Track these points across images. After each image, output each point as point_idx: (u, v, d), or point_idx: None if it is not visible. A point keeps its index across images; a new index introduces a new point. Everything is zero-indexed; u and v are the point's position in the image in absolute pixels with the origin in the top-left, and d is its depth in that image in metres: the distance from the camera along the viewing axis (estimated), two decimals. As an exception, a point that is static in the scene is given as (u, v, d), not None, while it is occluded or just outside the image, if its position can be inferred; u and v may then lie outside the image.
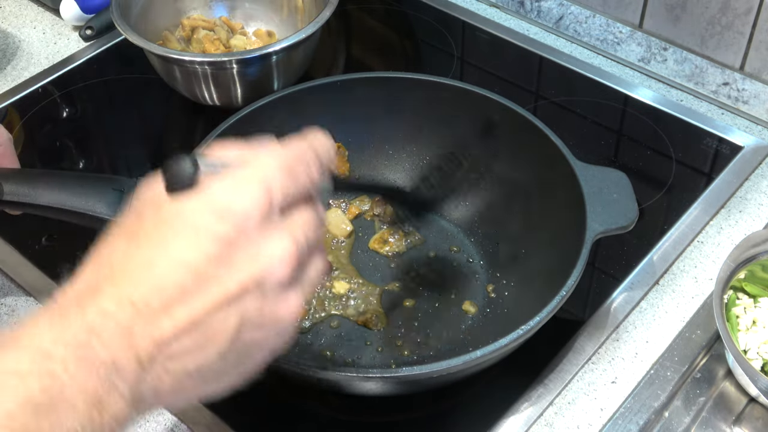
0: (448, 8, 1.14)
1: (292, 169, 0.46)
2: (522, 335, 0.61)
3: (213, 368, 0.44)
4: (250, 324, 0.44)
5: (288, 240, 0.45)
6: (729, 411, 0.70)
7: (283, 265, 0.44)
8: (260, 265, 0.44)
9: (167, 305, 0.42)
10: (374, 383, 0.62)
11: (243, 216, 0.43)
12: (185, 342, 0.42)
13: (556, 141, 0.74)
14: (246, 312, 0.43)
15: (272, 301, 0.44)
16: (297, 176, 0.46)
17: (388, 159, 0.86)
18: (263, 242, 0.44)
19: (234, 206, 0.44)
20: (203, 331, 0.42)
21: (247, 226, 0.43)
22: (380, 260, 0.80)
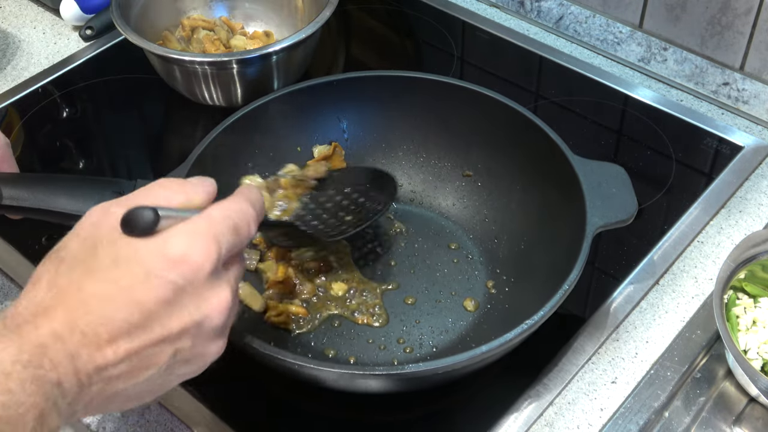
0: (448, 8, 1.14)
1: (238, 227, 0.52)
2: (527, 329, 0.61)
3: (138, 390, 0.49)
4: (181, 359, 0.50)
5: (227, 292, 0.51)
6: (729, 411, 0.70)
7: (221, 313, 0.51)
8: (202, 311, 0.50)
9: (113, 337, 0.46)
10: (379, 380, 0.62)
11: (195, 267, 0.49)
12: (121, 368, 0.47)
13: (554, 137, 0.75)
14: (180, 349, 0.49)
15: (204, 342, 0.51)
16: (241, 234, 0.53)
17: (386, 157, 0.86)
18: (208, 292, 0.50)
19: (187, 258, 0.49)
20: (139, 361, 0.48)
21: (197, 277, 0.49)
22: (381, 259, 0.80)
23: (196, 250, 0.49)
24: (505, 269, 0.77)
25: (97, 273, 0.47)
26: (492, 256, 0.79)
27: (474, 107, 0.81)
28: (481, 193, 0.82)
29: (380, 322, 0.75)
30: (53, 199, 0.66)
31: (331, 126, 0.84)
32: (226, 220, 0.52)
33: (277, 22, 1.06)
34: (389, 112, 0.84)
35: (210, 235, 0.50)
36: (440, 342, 0.73)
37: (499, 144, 0.80)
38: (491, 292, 0.76)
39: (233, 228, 0.52)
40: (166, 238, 0.49)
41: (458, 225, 0.83)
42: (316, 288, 0.77)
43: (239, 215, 0.53)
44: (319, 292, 0.77)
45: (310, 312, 0.75)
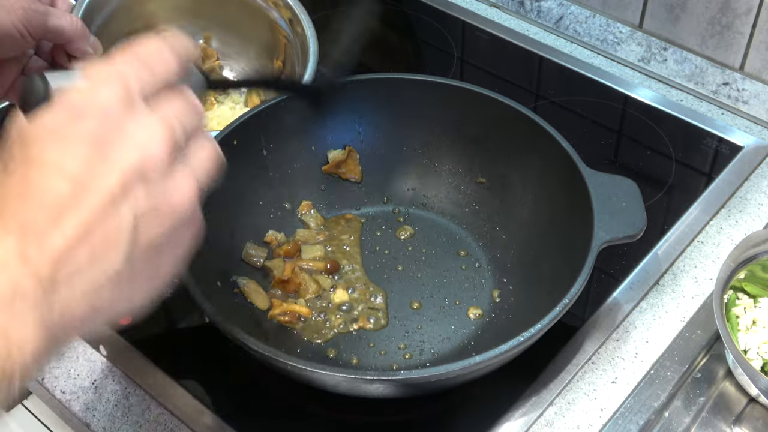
0: (448, 8, 1.14)
1: (145, 60, 0.45)
2: (522, 342, 0.61)
3: (122, 276, 0.42)
4: (145, 217, 0.42)
5: (157, 122, 0.43)
6: (729, 411, 0.70)
7: (158, 146, 0.43)
8: (135, 151, 0.42)
9: (53, 218, 0.40)
10: (374, 385, 0.62)
11: (102, 109, 0.42)
12: (83, 253, 0.40)
13: (567, 147, 0.74)
14: (137, 205, 0.41)
15: (160, 187, 0.43)
16: (151, 66, 0.45)
17: (400, 160, 0.85)
18: (132, 129, 0.42)
19: (91, 102, 0.42)
20: (99, 237, 0.40)
21: (109, 117, 0.42)
22: (388, 263, 0.80)
23: (97, 93, 0.42)
24: (511, 279, 0.77)
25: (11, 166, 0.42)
26: (500, 264, 0.79)
27: (490, 114, 0.80)
28: (493, 201, 0.82)
29: (379, 325, 0.75)
30: None
31: (347, 127, 0.84)
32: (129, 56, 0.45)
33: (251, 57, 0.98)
34: (406, 115, 0.83)
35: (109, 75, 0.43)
36: (441, 349, 0.73)
37: (513, 152, 0.80)
38: (496, 301, 0.76)
39: (140, 62, 0.44)
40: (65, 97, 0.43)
41: (468, 232, 0.82)
42: (321, 289, 0.77)
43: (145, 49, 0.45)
44: (323, 293, 0.77)
45: (313, 311, 0.75)
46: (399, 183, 0.85)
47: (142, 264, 0.42)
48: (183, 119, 0.45)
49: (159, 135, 0.43)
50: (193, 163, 0.45)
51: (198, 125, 0.47)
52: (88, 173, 0.41)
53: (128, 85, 0.43)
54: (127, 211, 0.41)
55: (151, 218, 0.42)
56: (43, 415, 0.98)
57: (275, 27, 0.93)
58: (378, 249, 0.81)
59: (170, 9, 0.95)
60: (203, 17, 0.96)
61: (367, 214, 0.84)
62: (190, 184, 0.44)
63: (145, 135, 0.43)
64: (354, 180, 0.85)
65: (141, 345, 0.74)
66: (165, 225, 0.43)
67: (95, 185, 0.41)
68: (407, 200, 0.85)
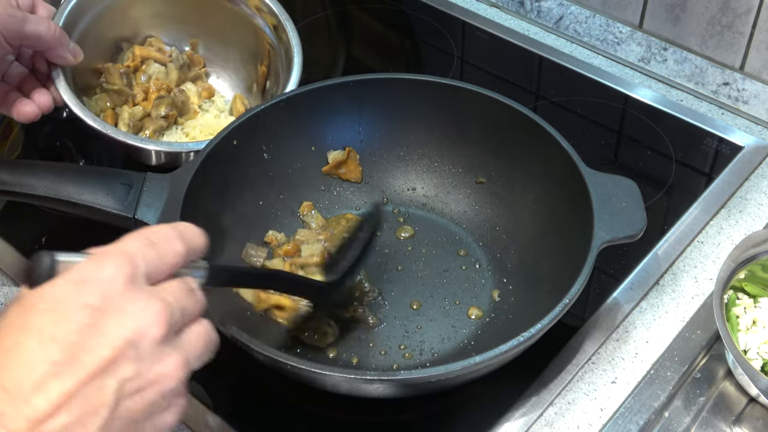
0: (448, 8, 1.14)
1: (152, 240, 0.47)
2: (522, 342, 0.61)
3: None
4: (130, 389, 0.43)
5: (157, 301, 0.45)
6: (729, 411, 0.70)
7: (155, 324, 0.44)
8: (131, 326, 0.43)
9: (40, 383, 0.41)
10: (374, 385, 0.62)
11: (106, 282, 0.44)
12: (62, 418, 0.41)
13: (567, 147, 0.74)
14: (123, 377, 0.43)
15: (149, 363, 0.44)
16: (159, 249, 0.47)
17: (400, 160, 0.85)
18: (132, 305, 0.44)
19: (96, 276, 0.44)
20: (81, 404, 0.41)
21: (111, 292, 0.44)
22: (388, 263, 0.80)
23: (103, 266, 0.44)
24: (511, 279, 0.77)
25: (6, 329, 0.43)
26: (500, 264, 0.79)
27: (490, 114, 0.80)
28: (493, 201, 0.82)
29: (374, 321, 0.75)
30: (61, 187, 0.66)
31: (347, 127, 0.84)
32: (138, 237, 0.47)
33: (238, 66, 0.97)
34: (406, 115, 0.83)
35: (119, 252, 0.45)
36: (441, 349, 0.73)
37: (513, 152, 0.80)
38: (496, 301, 0.76)
39: (148, 242, 0.47)
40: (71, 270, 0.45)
41: (468, 232, 0.82)
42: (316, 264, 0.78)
43: (154, 232, 0.48)
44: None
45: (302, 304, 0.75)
46: (399, 183, 0.85)
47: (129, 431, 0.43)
48: (183, 304, 0.47)
49: (156, 314, 0.44)
50: (186, 346, 0.47)
51: (197, 313, 0.48)
52: (81, 342, 0.42)
53: (134, 264, 0.45)
54: (112, 384, 0.42)
55: (135, 392, 0.43)
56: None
57: (260, 34, 0.92)
58: (378, 249, 0.81)
59: (155, 16, 0.95)
60: (189, 24, 0.96)
61: (367, 215, 0.84)
62: (178, 366, 0.45)
63: (142, 312, 0.44)
64: (354, 181, 0.85)
65: (141, 345, 0.74)
66: (147, 400, 0.44)
67: (87, 355, 0.42)
68: (407, 200, 0.85)
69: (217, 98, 0.95)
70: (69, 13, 0.83)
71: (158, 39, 0.95)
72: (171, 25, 0.96)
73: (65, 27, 0.81)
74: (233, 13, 0.93)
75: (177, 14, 0.95)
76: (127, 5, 0.92)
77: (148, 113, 0.89)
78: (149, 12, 0.94)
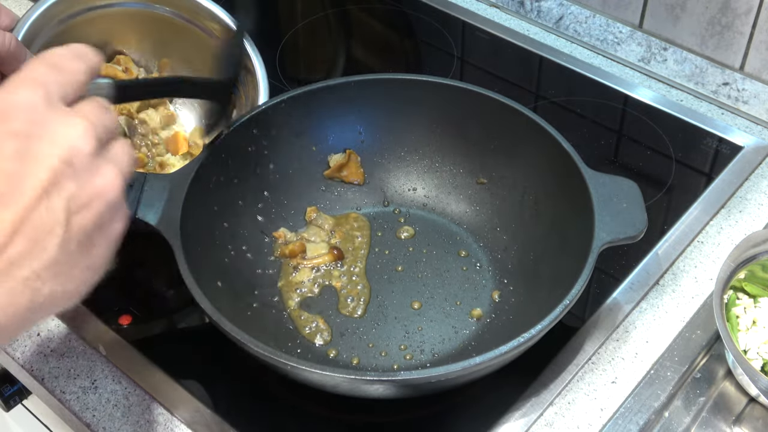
0: (448, 8, 1.14)
1: (53, 63, 0.48)
2: (522, 343, 0.61)
3: (59, 263, 0.44)
4: (76, 205, 0.45)
5: (80, 118, 0.46)
6: (729, 411, 0.70)
7: (84, 139, 0.46)
8: (63, 145, 0.45)
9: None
10: (374, 386, 0.62)
11: (26, 107, 0.45)
12: (19, 244, 0.43)
13: (567, 147, 0.74)
14: (67, 195, 0.44)
15: (88, 177, 0.45)
16: (61, 67, 0.48)
17: (401, 160, 0.85)
18: (57, 126, 0.45)
19: (14, 102, 0.45)
20: (33, 228, 0.43)
21: (34, 115, 0.45)
22: (389, 263, 0.80)
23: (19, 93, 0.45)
24: (512, 279, 0.77)
25: None
26: (501, 265, 0.79)
27: (490, 115, 0.80)
28: (494, 202, 0.82)
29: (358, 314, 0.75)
30: None
31: (348, 127, 0.84)
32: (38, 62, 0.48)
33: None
34: (406, 115, 0.83)
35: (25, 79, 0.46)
36: (441, 350, 0.73)
37: (513, 153, 0.80)
38: (497, 302, 0.76)
39: (51, 65, 0.48)
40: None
41: (469, 232, 0.82)
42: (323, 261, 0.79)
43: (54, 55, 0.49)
44: (322, 270, 0.79)
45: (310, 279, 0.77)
46: (400, 183, 0.85)
47: (76, 252, 0.45)
48: (102, 120, 0.48)
49: (83, 130, 0.46)
50: (116, 158, 0.48)
51: (113, 126, 0.50)
52: (18, 168, 0.43)
53: (47, 87, 0.46)
54: (58, 202, 0.44)
55: (82, 207, 0.45)
56: (43, 415, 0.98)
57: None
58: (378, 249, 0.81)
59: (126, 31, 0.92)
60: (159, 44, 0.93)
61: (368, 215, 0.84)
62: (115, 174, 0.47)
63: (69, 130, 0.45)
64: (356, 183, 0.85)
65: (141, 345, 0.74)
66: (95, 212, 0.46)
67: (27, 180, 0.43)
68: (408, 201, 0.85)
69: (177, 127, 0.92)
70: (33, 22, 0.79)
71: (128, 57, 0.92)
72: (142, 42, 0.93)
73: (27, 36, 0.78)
74: (202, 40, 0.90)
75: (148, 32, 0.92)
76: (97, 18, 0.88)
77: None
78: (121, 26, 0.91)
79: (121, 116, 0.87)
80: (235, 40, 0.82)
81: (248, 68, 0.87)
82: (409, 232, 0.83)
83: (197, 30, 0.90)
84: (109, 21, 0.89)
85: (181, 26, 0.90)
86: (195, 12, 0.89)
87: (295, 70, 1.08)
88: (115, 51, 0.92)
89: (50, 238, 0.44)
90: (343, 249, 0.81)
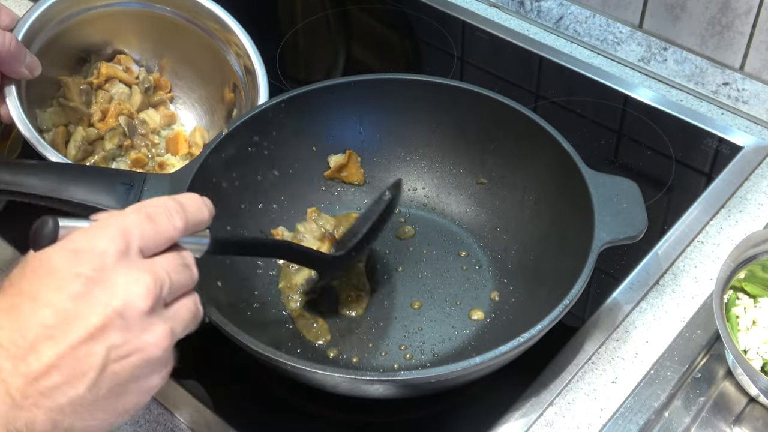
0: (448, 8, 1.14)
1: (151, 214, 0.50)
2: (522, 343, 0.61)
3: (85, 402, 0.46)
4: (116, 355, 0.46)
5: (147, 274, 0.48)
6: (729, 411, 0.70)
7: (142, 297, 0.47)
8: (120, 297, 0.46)
9: (33, 344, 0.45)
10: (374, 386, 0.62)
11: (99, 254, 0.47)
12: (54, 378, 0.45)
13: (567, 147, 0.74)
14: (111, 344, 0.46)
15: (136, 332, 0.47)
16: (156, 221, 0.50)
17: (401, 160, 0.85)
18: (122, 277, 0.47)
19: (90, 246, 0.47)
20: (71, 366, 0.45)
21: (104, 263, 0.47)
22: (389, 263, 0.80)
23: (99, 238, 0.47)
24: (512, 279, 0.77)
25: (7, 290, 0.47)
26: (501, 265, 0.79)
27: (490, 115, 0.80)
28: (494, 202, 0.82)
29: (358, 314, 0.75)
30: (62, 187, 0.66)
31: (348, 127, 0.84)
32: (137, 210, 0.50)
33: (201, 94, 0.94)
34: (406, 115, 0.83)
35: (113, 224, 0.48)
36: (441, 350, 0.73)
37: (513, 153, 0.80)
38: (497, 302, 0.76)
39: (146, 216, 0.50)
40: (70, 237, 0.48)
41: (469, 232, 0.82)
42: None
43: (155, 205, 0.51)
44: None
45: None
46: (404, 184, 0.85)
47: (105, 396, 0.47)
48: (174, 278, 0.50)
49: (144, 288, 0.47)
50: (174, 318, 0.50)
51: (188, 286, 0.52)
52: (73, 309, 0.45)
53: (128, 238, 0.48)
54: (100, 349, 0.46)
55: (121, 358, 0.47)
56: (43, 415, 0.97)
57: (228, 67, 0.90)
58: (379, 249, 0.81)
59: (127, 30, 0.92)
60: (159, 44, 0.93)
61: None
62: (165, 334, 0.48)
63: (131, 285, 0.47)
64: (357, 183, 0.85)
65: (141, 345, 0.74)
66: (133, 365, 0.47)
67: (78, 321, 0.45)
68: (408, 201, 0.85)
69: (177, 127, 0.93)
70: (33, 22, 0.79)
71: (128, 57, 0.92)
72: (143, 42, 0.93)
73: (28, 35, 0.78)
74: (202, 40, 0.90)
75: (149, 32, 0.92)
76: (97, 17, 0.88)
77: (102, 135, 0.86)
78: (121, 26, 0.91)
79: (122, 116, 0.87)
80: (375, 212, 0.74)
81: (248, 68, 0.87)
82: (409, 232, 0.83)
83: (197, 29, 0.90)
84: (109, 20, 0.89)
85: (182, 26, 0.90)
86: (195, 11, 0.89)
87: (295, 70, 1.08)
88: (116, 50, 0.92)
89: (82, 380, 0.45)
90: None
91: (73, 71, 0.89)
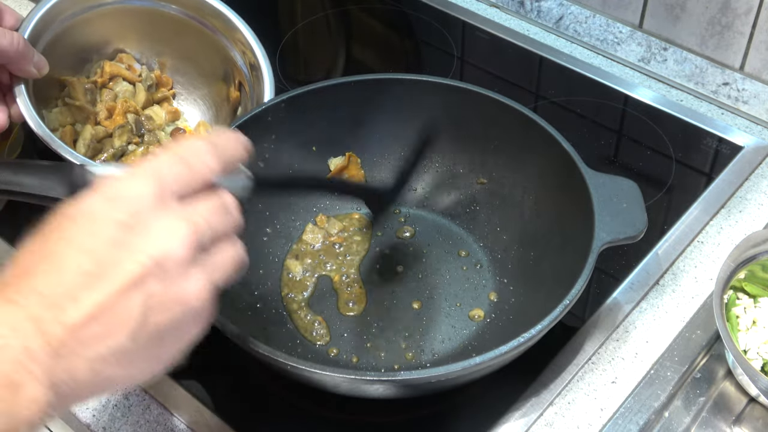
0: (448, 8, 1.14)
1: (185, 158, 0.48)
2: (522, 343, 0.61)
3: (126, 352, 0.45)
4: (156, 305, 0.45)
5: (184, 222, 0.46)
6: (729, 411, 0.70)
7: (180, 244, 0.46)
8: (157, 245, 0.45)
9: (72, 292, 0.44)
10: (374, 386, 0.62)
11: (135, 200, 0.46)
12: (93, 329, 0.44)
13: (567, 147, 0.74)
14: (150, 294, 0.45)
15: (175, 281, 0.46)
16: (191, 164, 0.48)
17: (401, 160, 0.84)
18: (159, 224, 0.46)
19: (126, 192, 0.46)
20: (111, 315, 0.44)
21: (140, 210, 0.45)
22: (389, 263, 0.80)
23: (134, 184, 0.46)
24: (512, 279, 0.77)
25: (46, 237, 0.46)
26: (500, 265, 0.79)
27: (490, 115, 0.80)
28: (494, 202, 0.82)
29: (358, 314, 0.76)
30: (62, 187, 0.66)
31: (348, 127, 0.84)
32: (170, 154, 0.48)
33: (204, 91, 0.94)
34: (406, 115, 0.83)
35: (148, 170, 0.47)
36: (441, 350, 0.73)
37: (513, 153, 0.80)
38: (497, 302, 0.76)
39: (179, 159, 0.48)
40: (105, 184, 0.47)
41: (469, 232, 0.82)
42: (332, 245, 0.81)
43: (187, 148, 0.49)
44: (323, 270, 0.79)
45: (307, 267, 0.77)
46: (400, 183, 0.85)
47: (145, 346, 0.46)
48: (212, 221, 0.48)
49: (182, 234, 0.46)
50: (213, 266, 0.48)
51: (227, 229, 0.50)
52: (111, 256, 0.44)
53: (163, 182, 0.47)
54: (139, 299, 0.44)
55: (160, 307, 0.45)
56: (43, 415, 0.97)
57: (232, 63, 0.90)
58: (379, 249, 0.81)
59: (127, 29, 0.92)
60: (160, 42, 0.93)
61: (369, 215, 0.84)
62: (204, 285, 0.47)
63: (168, 233, 0.46)
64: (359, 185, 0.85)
65: (141, 345, 0.74)
66: (172, 316, 0.46)
67: (115, 270, 0.44)
68: (408, 201, 0.85)
69: (182, 123, 0.93)
70: (38, 21, 0.80)
71: (129, 56, 0.93)
72: (143, 41, 0.93)
73: (32, 35, 0.78)
74: (206, 37, 0.90)
75: (149, 30, 0.92)
76: (99, 16, 0.88)
77: (110, 134, 0.87)
78: (121, 25, 0.91)
79: (129, 113, 0.88)
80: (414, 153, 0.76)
81: (253, 64, 0.87)
82: (409, 232, 0.83)
83: (200, 26, 0.90)
84: (111, 19, 0.90)
85: (184, 23, 0.91)
86: (198, 9, 0.89)
87: (295, 70, 1.08)
88: (117, 49, 0.93)
89: (122, 329, 0.44)
90: (344, 249, 0.81)
91: (75, 71, 0.89)
